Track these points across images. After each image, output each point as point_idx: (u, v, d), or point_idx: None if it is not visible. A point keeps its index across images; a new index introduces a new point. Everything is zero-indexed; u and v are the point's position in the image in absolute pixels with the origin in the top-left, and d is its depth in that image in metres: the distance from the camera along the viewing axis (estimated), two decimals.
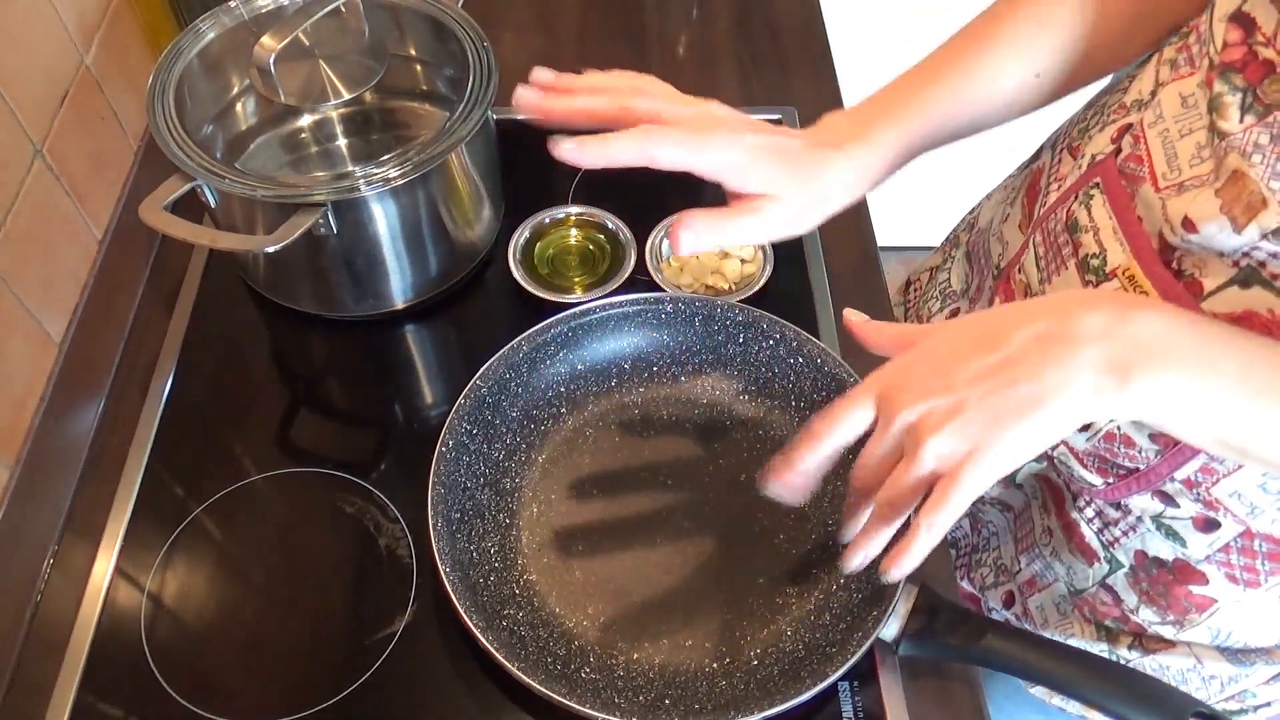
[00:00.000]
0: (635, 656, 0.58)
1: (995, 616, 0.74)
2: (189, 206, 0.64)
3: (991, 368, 0.43)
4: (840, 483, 0.64)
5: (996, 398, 0.42)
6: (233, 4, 0.73)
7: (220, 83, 0.74)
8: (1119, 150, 0.55)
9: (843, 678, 0.55)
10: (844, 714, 0.57)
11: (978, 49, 0.59)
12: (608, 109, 0.54)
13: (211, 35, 0.71)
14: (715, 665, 0.58)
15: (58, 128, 0.68)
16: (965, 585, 0.76)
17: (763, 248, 0.76)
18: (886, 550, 0.47)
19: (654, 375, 0.70)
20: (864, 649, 0.54)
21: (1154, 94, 0.54)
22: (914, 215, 1.67)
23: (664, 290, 0.73)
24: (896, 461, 0.45)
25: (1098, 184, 0.56)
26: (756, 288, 0.74)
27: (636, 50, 0.97)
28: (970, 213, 0.81)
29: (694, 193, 0.89)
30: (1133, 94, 0.57)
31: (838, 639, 0.57)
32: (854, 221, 0.83)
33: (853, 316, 0.52)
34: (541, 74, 0.56)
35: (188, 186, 0.64)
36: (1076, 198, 0.58)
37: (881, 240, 0.84)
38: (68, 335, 0.69)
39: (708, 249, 0.56)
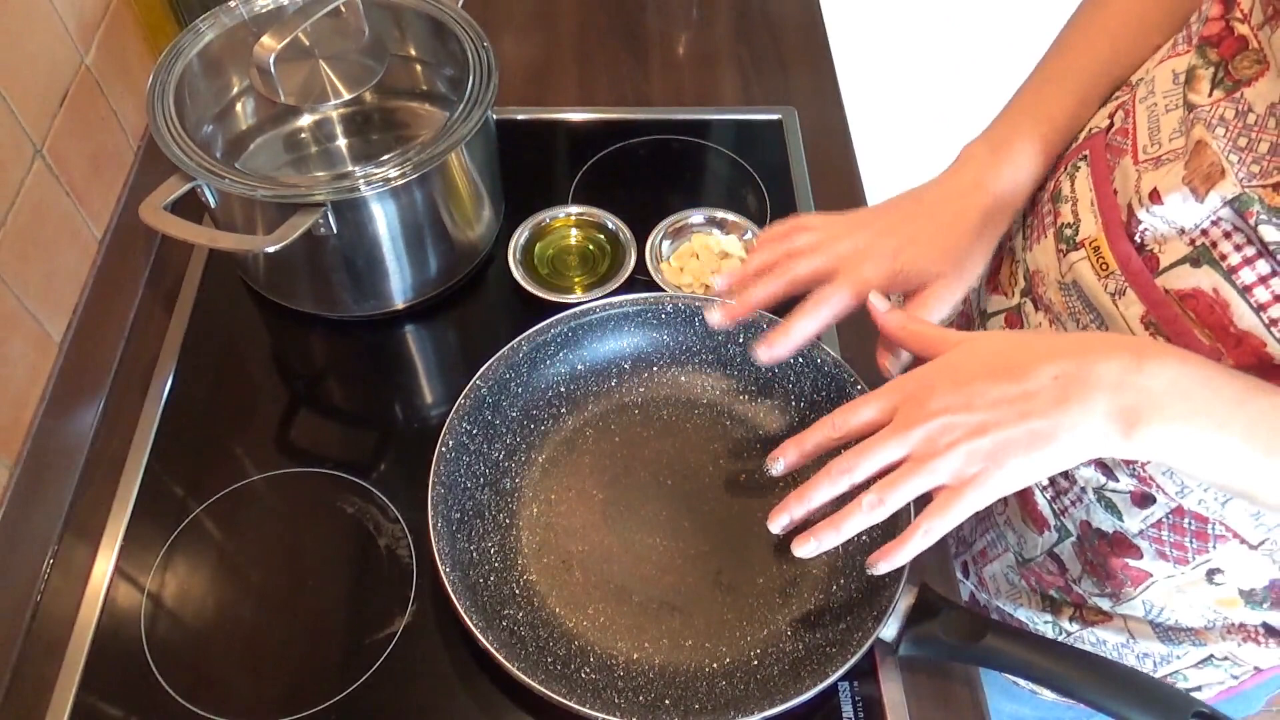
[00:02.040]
0: (635, 656, 0.58)
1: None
2: (189, 206, 0.64)
3: (1010, 398, 0.46)
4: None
5: (1011, 428, 0.45)
6: (233, 4, 0.73)
7: (220, 83, 0.74)
8: (1111, 124, 0.56)
9: (843, 678, 0.55)
10: (844, 714, 0.57)
11: (1105, 33, 0.61)
12: (779, 293, 0.61)
13: (211, 35, 0.71)
14: (715, 665, 0.58)
15: (58, 128, 0.68)
16: None
17: None
18: (864, 547, 0.51)
19: (654, 375, 0.70)
20: (864, 649, 0.54)
21: (1152, 71, 0.55)
22: None
23: (664, 290, 0.73)
24: (884, 462, 0.49)
25: (1085, 156, 0.57)
26: None
27: (637, 50, 0.97)
28: None
29: (694, 193, 0.89)
30: (1139, 73, 0.58)
31: (838, 639, 0.57)
32: None
33: (877, 303, 0.56)
34: (719, 284, 0.64)
35: (188, 186, 0.64)
36: (1065, 169, 0.59)
37: None
38: (68, 335, 0.69)
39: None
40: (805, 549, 0.51)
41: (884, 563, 0.49)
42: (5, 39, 0.62)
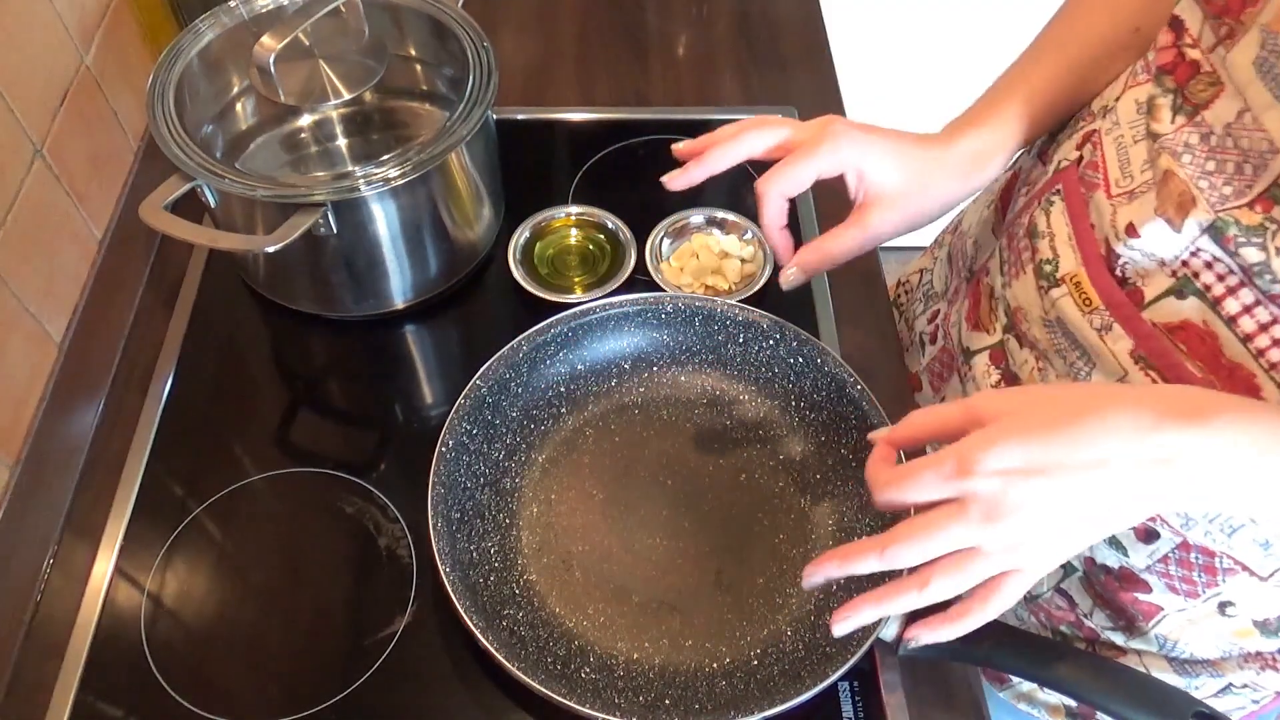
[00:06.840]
0: (635, 656, 0.58)
1: None
2: (189, 206, 0.64)
3: (1081, 466, 0.41)
4: (842, 483, 0.65)
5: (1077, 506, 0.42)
6: (233, 4, 0.73)
7: (220, 83, 0.74)
8: (1081, 158, 0.55)
9: (843, 678, 0.55)
10: (844, 714, 0.57)
11: (1081, 18, 0.60)
12: (736, 158, 0.59)
13: (211, 35, 0.71)
14: (715, 665, 0.58)
15: (58, 128, 0.68)
16: None
17: (763, 247, 0.77)
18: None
19: (654, 375, 0.70)
20: (864, 649, 0.54)
21: (1116, 100, 0.54)
22: None
23: (664, 290, 0.73)
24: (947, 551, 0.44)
25: (1059, 190, 0.56)
26: (756, 288, 0.74)
27: (637, 50, 0.97)
28: (957, 215, 0.82)
29: (694, 193, 0.89)
30: (1100, 101, 0.58)
31: (838, 639, 0.57)
32: None
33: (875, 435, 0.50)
34: (679, 145, 0.62)
35: (188, 186, 0.64)
36: (1039, 204, 0.58)
37: None
38: (68, 335, 0.69)
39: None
40: (843, 626, 0.47)
41: (927, 633, 0.49)
42: (5, 39, 0.62)
